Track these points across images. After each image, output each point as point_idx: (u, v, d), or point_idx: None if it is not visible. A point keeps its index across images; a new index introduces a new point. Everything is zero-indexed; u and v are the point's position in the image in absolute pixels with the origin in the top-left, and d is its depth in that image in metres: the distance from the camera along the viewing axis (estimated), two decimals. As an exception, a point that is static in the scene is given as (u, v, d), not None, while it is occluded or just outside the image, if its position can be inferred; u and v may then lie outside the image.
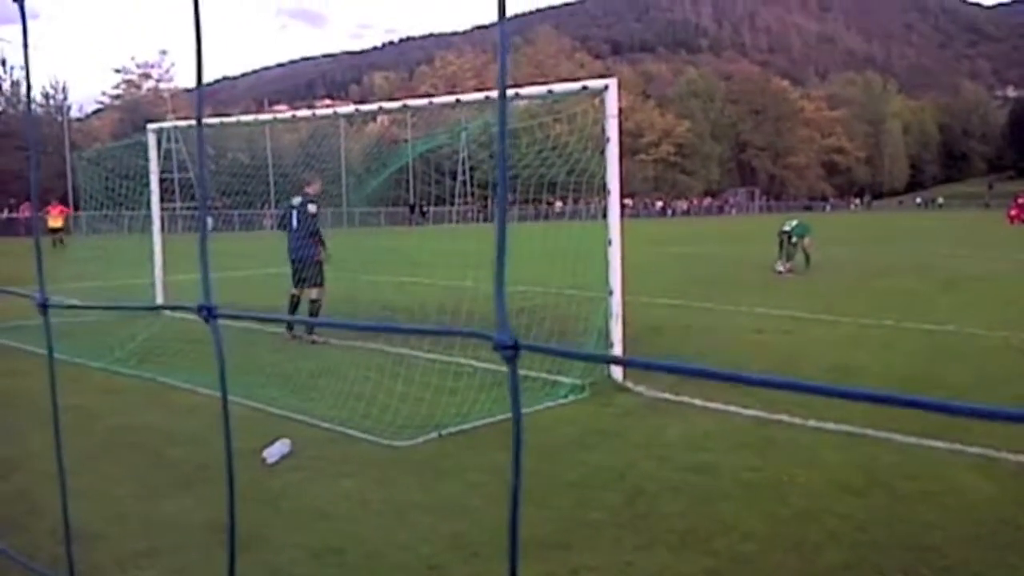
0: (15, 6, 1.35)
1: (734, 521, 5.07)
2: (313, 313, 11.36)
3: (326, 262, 11.59)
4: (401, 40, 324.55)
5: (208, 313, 1.08)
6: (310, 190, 11.79)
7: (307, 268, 11.40)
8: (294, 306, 11.56)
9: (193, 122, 15.08)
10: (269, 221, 38.75)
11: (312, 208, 11.54)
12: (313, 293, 11.41)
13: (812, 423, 7.08)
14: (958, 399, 4.81)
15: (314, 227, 11.49)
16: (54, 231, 32.64)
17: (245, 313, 1.31)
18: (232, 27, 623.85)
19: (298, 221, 11.52)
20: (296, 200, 11.75)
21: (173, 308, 1.31)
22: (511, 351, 0.84)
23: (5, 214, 50.15)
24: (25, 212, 46.09)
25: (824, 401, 7.77)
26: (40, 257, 1.43)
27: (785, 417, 7.26)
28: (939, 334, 11.50)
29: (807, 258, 20.97)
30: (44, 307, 1.37)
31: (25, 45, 1.45)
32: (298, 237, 11.49)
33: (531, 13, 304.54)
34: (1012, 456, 6.11)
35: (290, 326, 11.49)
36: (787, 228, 21.01)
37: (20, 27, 1.41)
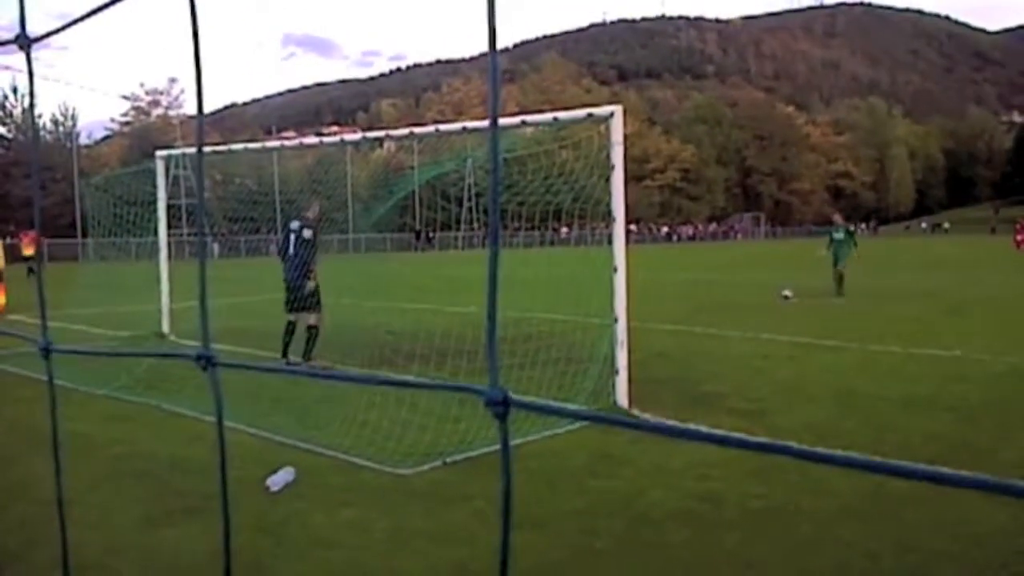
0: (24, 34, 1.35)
1: (741, 550, 5.02)
2: (311, 339, 11.30)
3: (320, 289, 11.51)
4: (408, 67, 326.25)
5: (208, 362, 1.06)
6: (309, 214, 11.70)
7: (304, 294, 11.32)
8: (290, 332, 11.49)
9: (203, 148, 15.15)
10: (274, 247, 38.83)
11: (308, 234, 11.42)
12: (311, 318, 11.34)
13: (820, 450, 7.01)
14: (965, 422, 4.79)
15: (311, 253, 11.43)
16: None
17: (245, 363, 1.29)
18: (239, 54, 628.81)
19: (295, 246, 11.45)
20: (294, 224, 11.64)
21: (172, 356, 1.29)
22: (502, 408, 0.82)
23: (8, 241, 50.36)
24: (25, 239, 46.18)
25: (832, 427, 7.76)
26: (43, 301, 1.42)
27: (792, 444, 7.20)
28: (946, 360, 11.44)
29: (841, 280, 21.34)
30: (46, 352, 1.36)
31: (31, 89, 1.45)
32: (295, 263, 11.40)
33: (537, 40, 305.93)
34: (1021, 484, 6.04)
35: (285, 353, 11.43)
36: (838, 222, 22.60)
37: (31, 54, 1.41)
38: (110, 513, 5.66)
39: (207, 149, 15.09)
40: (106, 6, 1.25)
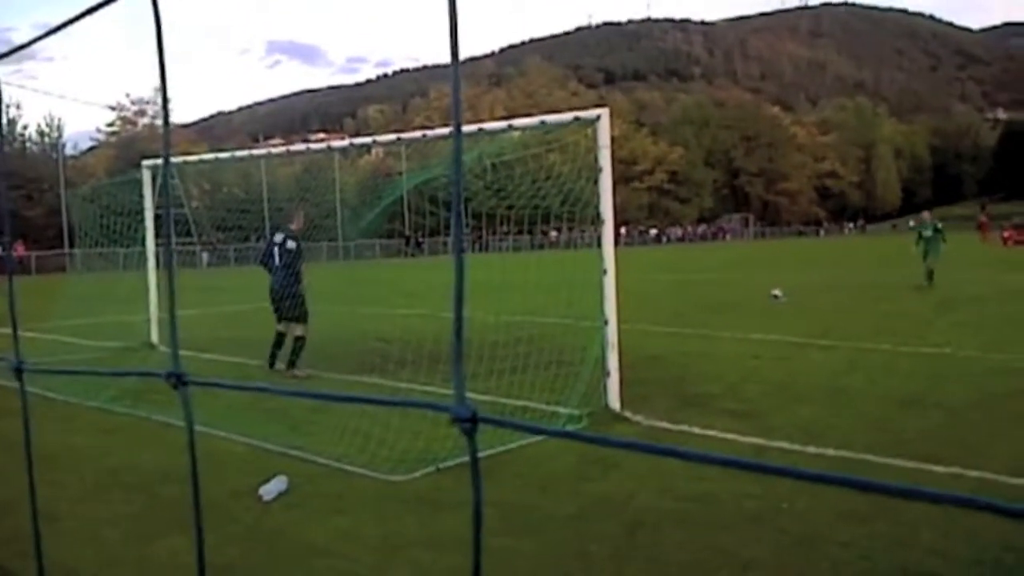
0: (7, 44, 1.34)
1: (736, 551, 5.02)
2: (297, 349, 11.29)
3: (307, 295, 11.50)
4: (395, 73, 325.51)
5: (177, 380, 1.05)
6: (293, 226, 11.69)
7: (291, 305, 11.31)
8: (279, 342, 11.48)
9: (189, 157, 15.10)
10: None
11: (292, 245, 11.43)
12: (298, 330, 11.33)
13: (812, 449, 7.04)
14: (956, 419, 4.81)
15: (296, 264, 11.42)
16: None
17: (216, 381, 1.28)
18: (224, 63, 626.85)
19: (280, 258, 11.46)
20: (278, 236, 11.66)
21: (142, 374, 1.28)
22: (469, 424, 0.81)
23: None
24: (19, 250, 45.99)
25: (824, 426, 7.76)
26: (15, 318, 1.40)
27: (785, 444, 7.22)
28: (937, 357, 11.48)
29: (931, 275, 22.31)
30: (19, 371, 1.34)
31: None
32: (280, 274, 11.41)
33: (523, 44, 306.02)
34: (1012, 480, 6.07)
35: (271, 362, 11.43)
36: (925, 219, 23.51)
37: (13, 67, 1.39)
38: (102, 526, 5.62)
39: (193, 158, 15.07)
40: (76, 20, 1.23)
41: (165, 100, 1.07)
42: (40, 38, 1.32)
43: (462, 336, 0.85)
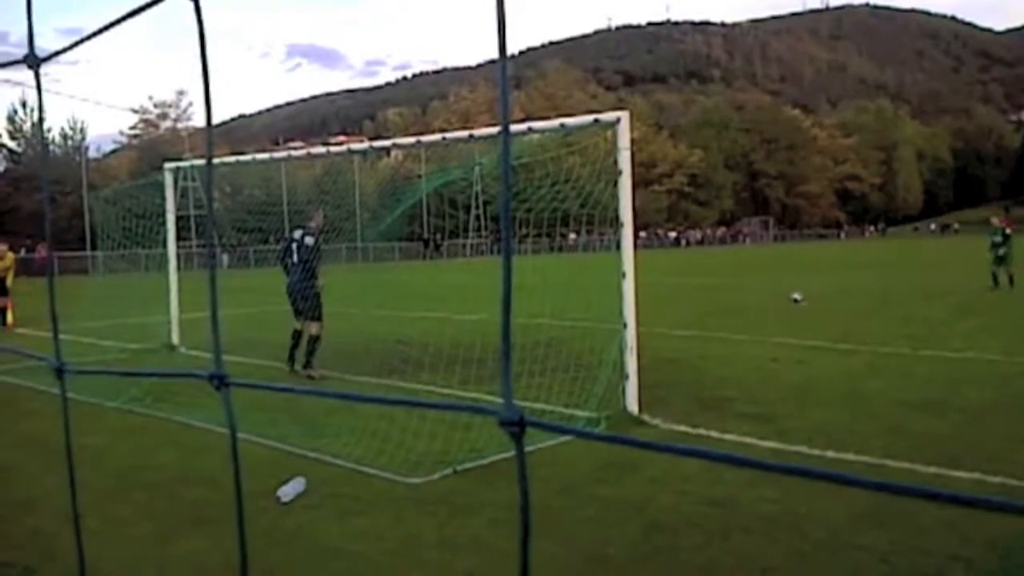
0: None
1: (754, 555, 5.00)
2: (312, 348, 11.35)
3: (323, 294, 11.59)
4: (414, 75, 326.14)
5: (220, 381, 1.06)
6: (312, 223, 11.82)
7: (306, 301, 11.39)
8: (297, 339, 11.56)
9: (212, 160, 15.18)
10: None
11: (310, 240, 11.55)
12: (313, 328, 11.39)
13: (831, 454, 7.01)
14: (977, 424, 4.78)
15: (313, 260, 11.51)
16: None
17: (258, 383, 1.29)
18: (245, 66, 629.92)
19: (297, 253, 11.56)
20: (297, 233, 11.79)
21: (185, 376, 1.29)
22: (517, 428, 0.82)
23: (23, 254, 50.59)
24: (41, 252, 46.32)
25: (843, 430, 7.72)
26: (55, 321, 1.42)
27: (804, 448, 7.18)
28: (956, 361, 11.39)
29: (1011, 279, 22.05)
30: (60, 372, 1.36)
31: (40, 107, 1.45)
32: (297, 270, 11.52)
33: (542, 47, 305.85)
34: (1035, 485, 6.02)
35: (291, 360, 11.50)
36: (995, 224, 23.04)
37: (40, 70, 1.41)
38: (122, 525, 5.67)
39: (215, 160, 15.17)
40: (115, 24, 1.25)
41: (208, 103, 1.08)
42: (80, 42, 1.33)
43: (510, 342, 0.86)
